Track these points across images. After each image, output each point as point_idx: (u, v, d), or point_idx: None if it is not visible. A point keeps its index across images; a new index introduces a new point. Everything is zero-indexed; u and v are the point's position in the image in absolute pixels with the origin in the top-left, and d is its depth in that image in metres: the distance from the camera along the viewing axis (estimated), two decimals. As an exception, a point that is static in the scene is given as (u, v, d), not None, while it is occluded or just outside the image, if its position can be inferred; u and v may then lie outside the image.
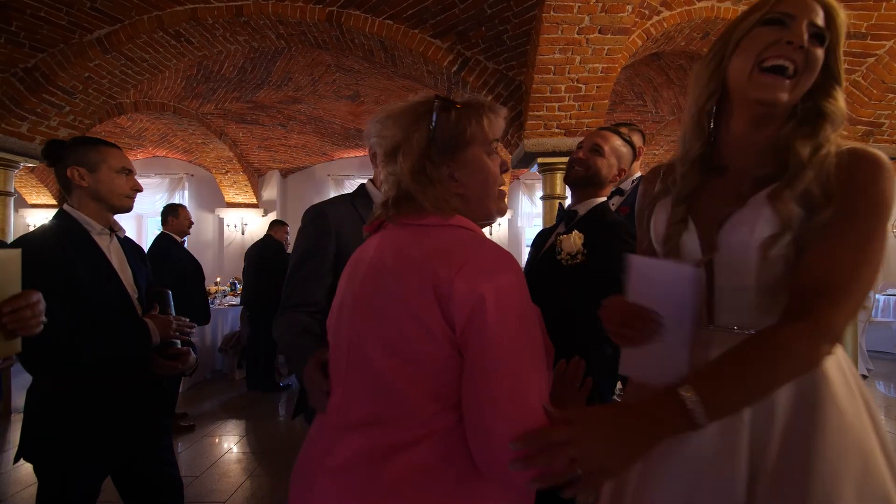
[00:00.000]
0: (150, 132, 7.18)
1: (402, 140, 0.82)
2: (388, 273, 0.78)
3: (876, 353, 6.46)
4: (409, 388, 0.75)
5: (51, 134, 4.02)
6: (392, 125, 0.84)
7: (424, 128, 0.82)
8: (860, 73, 4.05)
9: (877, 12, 3.71)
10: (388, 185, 0.85)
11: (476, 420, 0.72)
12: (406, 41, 3.85)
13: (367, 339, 0.78)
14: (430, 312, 0.73)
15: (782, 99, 0.78)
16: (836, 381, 0.78)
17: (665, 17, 3.72)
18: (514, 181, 9.24)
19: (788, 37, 0.76)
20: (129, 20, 3.68)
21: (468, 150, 0.84)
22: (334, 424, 0.82)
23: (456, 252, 0.74)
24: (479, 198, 0.87)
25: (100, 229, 1.45)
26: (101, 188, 1.43)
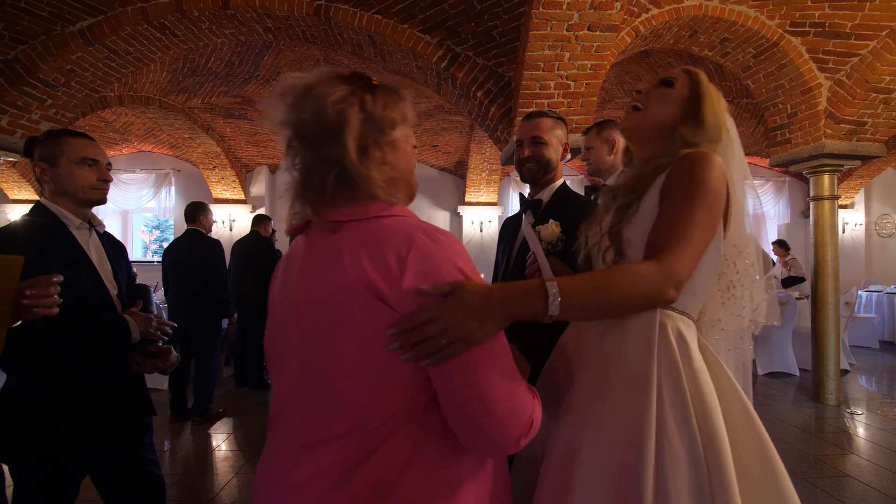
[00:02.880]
0: (135, 126, 7.07)
1: (340, 119, 0.74)
2: (336, 285, 0.72)
3: (858, 348, 6.59)
4: (373, 397, 0.72)
5: (32, 128, 3.94)
6: (314, 103, 0.75)
7: (357, 106, 0.76)
8: (844, 73, 4.11)
9: (861, 12, 3.76)
10: (314, 173, 0.76)
11: (468, 422, 0.71)
12: (395, 36, 3.83)
13: (325, 354, 0.73)
14: (387, 319, 0.69)
15: (631, 126, 1.12)
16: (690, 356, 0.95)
17: (654, 15, 3.74)
18: (504, 178, 9.25)
19: (640, 86, 1.14)
20: (113, 12, 3.61)
21: (394, 132, 0.80)
22: (294, 441, 0.77)
23: (396, 247, 0.70)
24: (407, 180, 0.84)
25: (78, 223, 1.41)
26: (63, 181, 1.38)
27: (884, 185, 9.19)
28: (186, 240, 3.94)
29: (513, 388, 0.73)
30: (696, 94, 1.07)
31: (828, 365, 4.36)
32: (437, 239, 0.72)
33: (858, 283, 8.27)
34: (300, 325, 0.76)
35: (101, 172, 1.42)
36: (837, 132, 4.26)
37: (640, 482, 0.85)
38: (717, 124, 1.07)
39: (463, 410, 0.71)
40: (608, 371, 0.98)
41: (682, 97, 1.08)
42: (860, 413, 4.14)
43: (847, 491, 2.77)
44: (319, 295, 0.73)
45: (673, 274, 0.87)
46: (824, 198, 4.44)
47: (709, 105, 1.07)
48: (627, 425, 0.90)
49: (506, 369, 0.73)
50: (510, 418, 0.71)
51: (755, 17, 3.88)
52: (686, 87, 1.08)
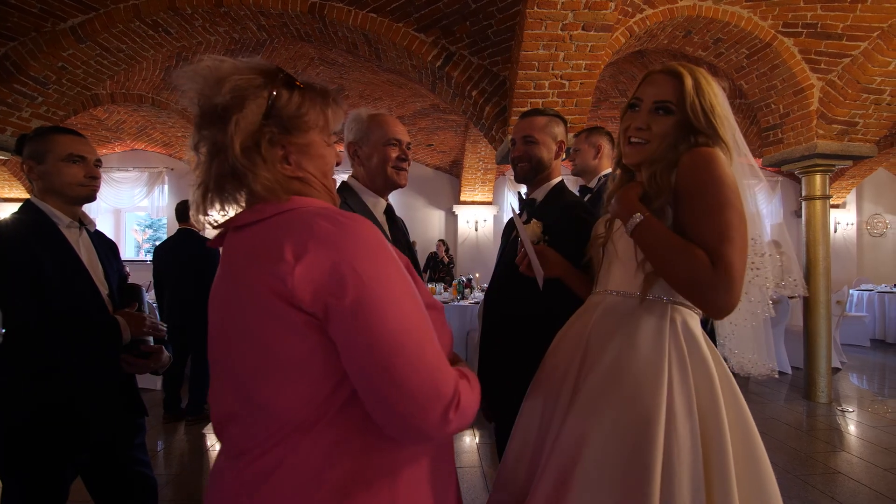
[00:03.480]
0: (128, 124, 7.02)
1: (232, 105, 0.71)
2: (237, 294, 0.70)
3: (849, 346, 6.66)
4: (287, 399, 0.69)
5: (23, 126, 3.90)
6: (220, 85, 0.72)
7: (263, 99, 0.73)
8: (836, 74, 4.14)
9: (852, 14, 3.79)
10: (206, 160, 0.74)
11: (385, 410, 0.67)
12: (390, 35, 3.82)
13: (238, 360, 0.72)
14: (286, 318, 0.66)
15: (641, 160, 1.12)
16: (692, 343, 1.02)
17: (648, 15, 3.75)
18: (499, 177, 9.26)
19: (637, 123, 1.11)
20: (105, 8, 3.57)
21: (307, 135, 0.78)
22: (224, 452, 0.76)
23: (290, 239, 0.67)
24: (323, 184, 0.81)
25: (68, 222, 1.39)
26: (51, 179, 1.36)
27: (875, 185, 9.28)
28: (180, 239, 3.92)
29: (429, 365, 0.67)
30: (702, 103, 1.06)
31: (819, 363, 4.40)
32: (341, 223, 0.68)
33: (850, 282, 8.35)
34: (218, 332, 0.75)
35: (88, 169, 1.39)
36: (829, 132, 4.29)
37: (648, 470, 0.88)
38: (728, 116, 1.09)
39: (376, 394, 0.67)
40: (619, 368, 1.01)
41: (683, 117, 1.07)
42: (851, 410, 4.18)
43: (838, 488, 2.79)
44: (227, 300, 0.73)
45: (729, 274, 0.93)
46: (816, 197, 4.47)
47: (717, 102, 1.08)
48: (638, 416, 0.94)
49: (418, 344, 0.67)
50: (427, 400, 0.66)
51: (748, 17, 3.90)
52: (690, 102, 1.07)
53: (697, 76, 1.08)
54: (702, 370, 0.98)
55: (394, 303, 0.66)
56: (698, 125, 1.06)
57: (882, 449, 3.33)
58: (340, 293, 0.64)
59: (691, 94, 1.06)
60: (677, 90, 1.07)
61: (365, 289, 0.65)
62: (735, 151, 1.09)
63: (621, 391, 0.98)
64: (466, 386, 0.73)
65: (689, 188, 1.00)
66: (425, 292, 0.79)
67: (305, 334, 0.67)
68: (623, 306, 1.09)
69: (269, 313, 0.67)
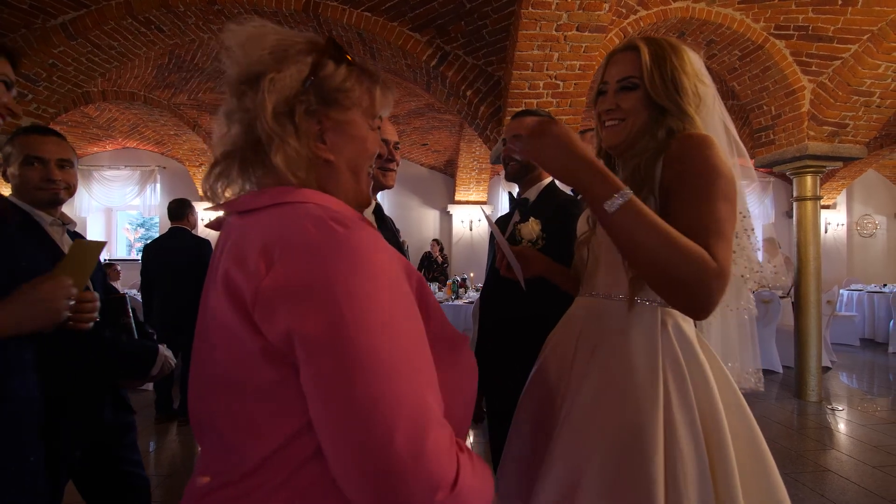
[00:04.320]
0: (119, 122, 6.96)
1: (271, 67, 0.63)
2: (211, 299, 0.61)
3: (839, 345, 6.73)
4: (248, 432, 0.58)
5: (13, 123, 3.85)
6: (260, 47, 0.64)
7: (305, 65, 0.64)
8: (827, 76, 4.18)
9: (843, 16, 3.82)
10: (231, 129, 0.65)
11: (353, 481, 0.52)
12: (385, 34, 3.81)
13: (205, 381, 0.63)
14: (243, 340, 0.56)
15: (621, 140, 1.04)
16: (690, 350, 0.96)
17: (642, 17, 3.77)
18: (494, 177, 9.27)
19: (607, 105, 1.05)
20: (96, 5, 3.54)
21: (349, 112, 0.68)
22: (191, 487, 0.66)
23: (268, 241, 0.56)
24: (354, 170, 0.70)
25: (50, 220, 1.38)
26: (16, 181, 1.34)
27: (865, 187, 9.38)
28: (173, 238, 3.88)
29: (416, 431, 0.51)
30: (662, 74, 0.98)
31: (810, 362, 4.44)
32: (333, 232, 0.55)
33: (840, 282, 8.43)
34: (199, 329, 0.66)
35: (46, 171, 1.32)
36: (820, 134, 4.33)
37: (650, 489, 0.83)
38: (696, 90, 0.99)
39: (341, 457, 0.52)
40: (611, 384, 0.94)
41: (651, 88, 0.98)
42: (841, 409, 4.23)
43: (827, 485, 2.82)
44: (206, 297, 0.64)
45: (724, 275, 0.81)
46: (807, 198, 4.52)
47: (682, 75, 0.98)
48: (636, 432, 0.88)
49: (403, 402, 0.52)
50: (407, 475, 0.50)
51: (741, 19, 3.93)
52: (648, 74, 0.98)
53: (658, 47, 0.99)
54: (700, 378, 0.91)
55: (378, 348, 0.51)
56: (658, 99, 0.97)
57: (871, 447, 3.37)
58: (310, 322, 0.51)
59: (648, 65, 0.98)
60: (637, 64, 1.00)
61: (343, 322, 0.51)
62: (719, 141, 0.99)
63: (615, 408, 0.92)
64: (468, 465, 0.56)
65: (678, 175, 0.90)
66: (446, 327, 0.66)
67: (265, 363, 0.55)
68: (611, 311, 1.02)
69: (230, 329, 0.57)
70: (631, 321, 0.97)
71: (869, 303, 7.50)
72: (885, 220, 9.48)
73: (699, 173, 0.88)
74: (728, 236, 0.85)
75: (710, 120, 1.04)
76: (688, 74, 0.98)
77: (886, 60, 3.95)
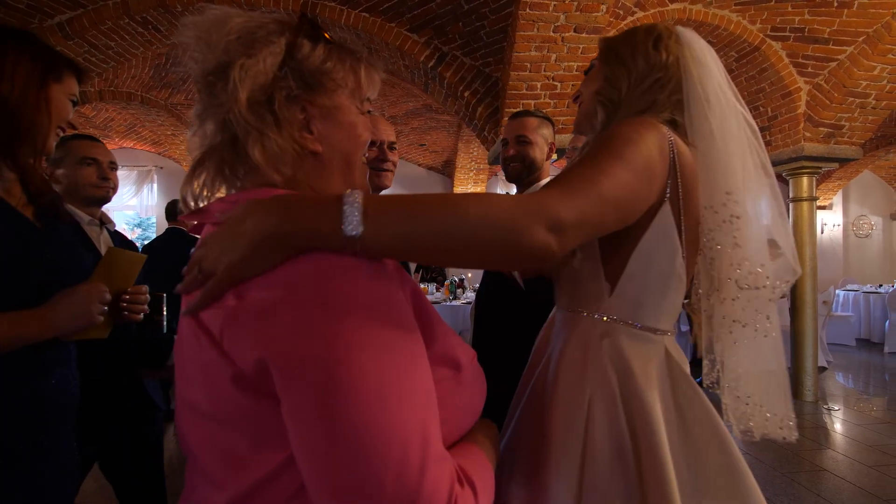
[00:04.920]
0: (116, 123, 6.93)
1: (240, 53, 0.56)
2: (185, 327, 0.56)
3: (835, 345, 6.76)
4: (220, 464, 0.53)
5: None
6: (225, 33, 0.57)
7: (278, 47, 0.57)
8: (823, 77, 4.20)
9: (839, 18, 3.84)
10: (204, 128, 0.59)
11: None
12: (383, 34, 3.81)
13: (184, 406, 0.58)
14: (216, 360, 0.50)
15: (577, 119, 0.96)
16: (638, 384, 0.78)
17: (639, 18, 3.78)
18: (492, 177, 9.29)
19: (575, 95, 0.97)
20: (93, 5, 3.53)
21: (334, 96, 0.60)
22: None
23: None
24: (346, 162, 0.63)
25: (88, 220, 1.51)
26: (68, 181, 1.49)
27: (861, 187, 9.43)
28: (168, 238, 3.87)
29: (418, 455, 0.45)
30: (612, 53, 0.89)
31: (806, 362, 4.46)
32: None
33: (836, 283, 8.47)
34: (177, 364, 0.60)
35: (101, 171, 1.51)
36: (816, 135, 4.35)
37: None
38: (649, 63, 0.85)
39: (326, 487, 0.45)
40: (540, 396, 0.85)
41: (602, 69, 0.90)
42: (837, 409, 4.25)
43: (823, 485, 2.84)
44: (180, 330, 0.58)
45: (546, 208, 0.58)
46: (803, 199, 4.54)
47: (626, 47, 0.87)
48: (551, 451, 0.77)
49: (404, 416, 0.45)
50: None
51: (737, 21, 3.95)
52: (602, 56, 0.91)
53: (623, 32, 0.91)
54: (636, 403, 0.76)
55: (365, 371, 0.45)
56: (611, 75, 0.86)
57: (867, 446, 3.38)
58: (285, 345, 0.46)
59: (604, 48, 0.90)
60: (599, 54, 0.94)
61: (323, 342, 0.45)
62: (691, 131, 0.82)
63: (538, 426, 0.81)
64: (470, 498, 0.50)
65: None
66: (451, 340, 0.60)
67: (238, 392, 0.49)
68: (561, 321, 0.90)
69: (199, 356, 0.52)
70: (569, 333, 0.85)
71: (865, 303, 7.54)
72: (881, 220, 9.53)
73: (607, 136, 0.74)
74: (593, 183, 0.64)
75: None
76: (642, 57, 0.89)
77: (882, 62, 3.97)
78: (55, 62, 1.00)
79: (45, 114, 0.97)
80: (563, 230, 0.58)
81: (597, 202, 0.63)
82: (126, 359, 1.47)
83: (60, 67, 1.01)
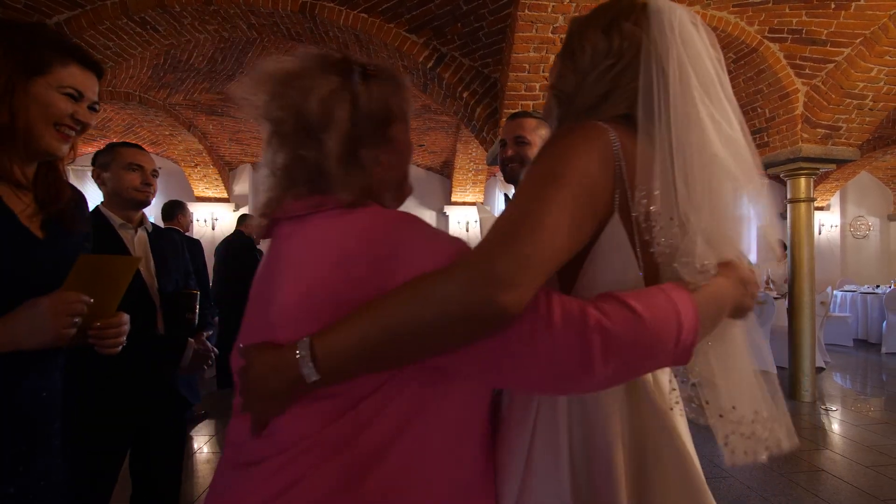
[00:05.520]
0: (114, 123, 6.92)
1: (319, 113, 0.64)
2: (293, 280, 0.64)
3: (833, 346, 6.77)
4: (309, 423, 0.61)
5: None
6: (296, 96, 0.64)
7: (347, 99, 0.65)
8: (820, 79, 4.22)
9: (836, 20, 3.86)
10: (291, 170, 0.66)
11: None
12: (381, 35, 3.81)
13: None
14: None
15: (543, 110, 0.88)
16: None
17: (637, 19, 3.79)
18: (490, 178, 9.28)
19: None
20: (92, 5, 3.52)
21: (392, 128, 0.70)
22: (226, 460, 0.68)
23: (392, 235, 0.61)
24: (400, 181, 0.74)
25: (120, 223, 1.60)
26: (113, 184, 1.60)
27: (858, 188, 9.46)
28: None
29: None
30: (566, 41, 0.80)
31: (803, 363, 4.47)
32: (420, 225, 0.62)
33: (833, 283, 8.49)
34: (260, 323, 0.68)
35: (144, 177, 1.63)
36: (813, 136, 4.37)
37: None
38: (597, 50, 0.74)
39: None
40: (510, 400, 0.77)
41: (556, 60, 0.83)
42: (835, 409, 4.26)
43: (821, 485, 2.84)
44: (270, 285, 0.66)
45: (491, 272, 0.54)
46: (801, 200, 4.55)
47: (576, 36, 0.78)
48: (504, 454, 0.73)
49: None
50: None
51: (735, 22, 3.96)
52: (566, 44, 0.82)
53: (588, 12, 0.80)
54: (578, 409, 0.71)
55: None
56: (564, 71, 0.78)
57: (864, 447, 3.39)
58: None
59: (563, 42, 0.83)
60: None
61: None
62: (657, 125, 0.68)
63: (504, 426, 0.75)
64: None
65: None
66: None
67: None
68: None
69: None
70: None
71: (862, 304, 7.56)
72: (879, 221, 9.56)
73: (538, 160, 0.67)
74: (538, 232, 0.58)
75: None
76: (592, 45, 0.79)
77: (879, 64, 3.98)
78: (33, 55, 0.91)
79: (22, 113, 0.89)
80: (517, 285, 0.54)
81: (541, 241, 0.57)
82: (145, 357, 1.52)
83: (45, 60, 0.92)
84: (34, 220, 0.96)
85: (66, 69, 0.95)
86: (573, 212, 0.61)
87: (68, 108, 0.95)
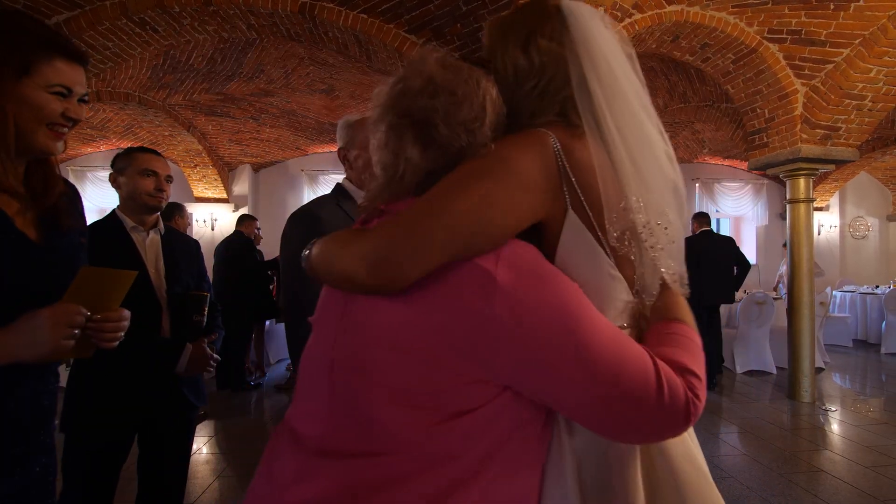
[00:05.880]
0: (113, 123, 6.92)
1: (482, 103, 0.69)
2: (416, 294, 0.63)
3: (832, 346, 6.78)
4: (414, 430, 0.62)
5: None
6: (460, 90, 0.68)
7: (492, 99, 0.71)
8: (819, 80, 4.22)
9: (835, 21, 3.86)
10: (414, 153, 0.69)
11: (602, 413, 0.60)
12: (381, 36, 3.82)
13: (366, 377, 0.65)
14: (480, 337, 0.60)
15: None
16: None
17: (636, 20, 3.79)
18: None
19: None
20: (91, 6, 3.52)
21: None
22: (307, 449, 0.68)
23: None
24: None
25: (132, 225, 1.64)
26: (127, 188, 1.64)
27: (857, 189, 9.47)
28: None
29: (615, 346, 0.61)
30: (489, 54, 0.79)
31: (803, 363, 4.48)
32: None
33: (833, 284, 8.50)
34: (353, 335, 0.69)
35: (158, 182, 1.66)
36: (813, 137, 4.37)
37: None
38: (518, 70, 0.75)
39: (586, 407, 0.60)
40: None
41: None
42: (834, 409, 4.26)
43: (821, 485, 2.84)
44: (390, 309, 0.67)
45: (372, 250, 0.64)
46: (800, 200, 4.56)
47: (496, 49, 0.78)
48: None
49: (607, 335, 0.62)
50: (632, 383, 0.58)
51: (734, 23, 3.96)
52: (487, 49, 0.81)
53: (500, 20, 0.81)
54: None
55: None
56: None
57: (864, 447, 3.39)
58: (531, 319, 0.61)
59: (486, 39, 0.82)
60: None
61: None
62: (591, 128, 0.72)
63: None
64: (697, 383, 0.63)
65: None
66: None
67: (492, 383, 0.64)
68: None
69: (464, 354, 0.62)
70: None
71: (861, 304, 7.57)
72: (878, 221, 9.57)
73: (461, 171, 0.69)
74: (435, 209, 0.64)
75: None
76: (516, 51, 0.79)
77: (878, 64, 3.99)
78: (15, 55, 0.88)
79: (13, 117, 0.88)
80: (379, 264, 0.63)
81: (444, 227, 0.63)
82: (141, 357, 1.53)
83: (28, 59, 0.88)
84: (29, 223, 0.95)
85: (51, 66, 0.91)
86: (496, 198, 0.65)
87: (59, 106, 0.93)
